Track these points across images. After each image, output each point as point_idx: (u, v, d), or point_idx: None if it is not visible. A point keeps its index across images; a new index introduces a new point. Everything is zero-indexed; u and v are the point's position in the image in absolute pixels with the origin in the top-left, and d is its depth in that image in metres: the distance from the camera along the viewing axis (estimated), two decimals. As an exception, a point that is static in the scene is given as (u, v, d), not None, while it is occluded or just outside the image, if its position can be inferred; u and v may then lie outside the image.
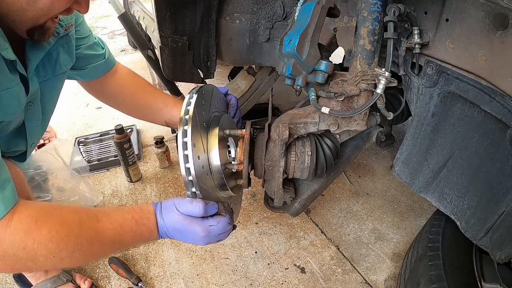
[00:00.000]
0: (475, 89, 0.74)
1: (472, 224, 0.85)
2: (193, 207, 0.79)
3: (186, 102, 0.88)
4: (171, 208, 0.81)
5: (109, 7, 2.13)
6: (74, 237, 0.70)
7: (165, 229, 0.81)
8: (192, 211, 0.80)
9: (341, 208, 1.79)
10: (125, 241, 0.79)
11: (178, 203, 0.81)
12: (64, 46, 0.99)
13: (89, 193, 1.70)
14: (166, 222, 0.81)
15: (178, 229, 0.81)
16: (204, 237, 0.81)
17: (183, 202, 0.81)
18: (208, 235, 0.81)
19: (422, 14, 0.82)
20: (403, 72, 0.93)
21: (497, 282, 0.97)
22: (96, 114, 2.71)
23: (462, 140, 0.84)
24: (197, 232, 0.80)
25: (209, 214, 0.82)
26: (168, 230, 0.82)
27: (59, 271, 1.30)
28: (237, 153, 1.00)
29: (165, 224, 0.81)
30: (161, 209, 0.82)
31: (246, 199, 1.83)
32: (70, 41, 1.02)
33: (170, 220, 0.81)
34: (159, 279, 1.43)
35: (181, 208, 0.80)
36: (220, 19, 1.25)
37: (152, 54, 1.59)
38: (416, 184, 0.99)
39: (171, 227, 0.81)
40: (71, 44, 1.02)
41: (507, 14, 0.63)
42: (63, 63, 1.00)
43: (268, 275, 1.45)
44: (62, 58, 0.99)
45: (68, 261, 0.71)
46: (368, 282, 1.42)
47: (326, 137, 1.05)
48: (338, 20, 1.12)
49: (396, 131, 2.35)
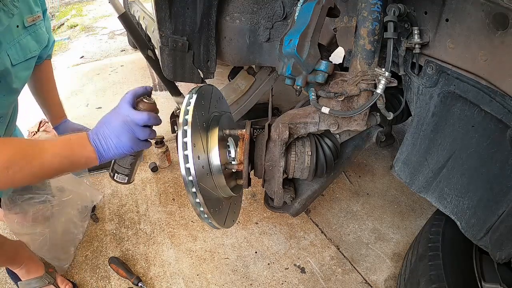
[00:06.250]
0: (475, 89, 0.74)
1: (472, 224, 0.85)
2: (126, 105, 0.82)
3: (186, 102, 0.88)
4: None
5: (109, 7, 2.13)
6: (21, 151, 0.73)
7: (93, 130, 0.81)
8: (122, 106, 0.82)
9: (341, 208, 1.79)
10: (62, 151, 0.78)
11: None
12: (32, 34, 1.13)
13: (89, 193, 1.70)
14: (96, 124, 0.82)
15: (101, 121, 0.82)
16: (122, 124, 0.79)
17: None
18: (125, 122, 0.80)
19: (422, 14, 0.82)
20: (403, 72, 0.93)
21: (497, 282, 0.97)
22: (96, 114, 2.71)
23: (462, 140, 0.84)
24: (116, 120, 0.80)
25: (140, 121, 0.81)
26: (95, 127, 0.81)
27: (43, 272, 1.32)
28: (237, 153, 1.00)
29: (95, 126, 0.82)
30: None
31: (246, 199, 1.83)
32: (38, 30, 1.16)
33: (99, 121, 0.83)
34: (159, 279, 1.43)
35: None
36: (220, 19, 1.25)
37: (152, 54, 1.59)
38: (416, 184, 0.99)
39: (99, 123, 0.82)
40: (38, 33, 1.16)
41: (507, 14, 0.63)
42: (32, 49, 1.14)
43: (268, 275, 1.45)
44: (31, 44, 1.13)
45: (19, 175, 0.72)
46: (368, 282, 1.42)
47: (326, 137, 1.05)
48: (338, 20, 1.12)
49: (396, 131, 2.35)
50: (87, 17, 6.11)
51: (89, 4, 7.20)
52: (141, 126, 0.81)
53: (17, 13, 1.02)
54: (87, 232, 1.64)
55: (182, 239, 1.61)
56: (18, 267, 1.27)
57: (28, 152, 0.73)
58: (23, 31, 1.08)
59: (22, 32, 1.08)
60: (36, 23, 1.14)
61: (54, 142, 0.78)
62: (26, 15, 1.08)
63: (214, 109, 1.01)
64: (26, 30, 1.10)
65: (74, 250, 1.53)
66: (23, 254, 1.28)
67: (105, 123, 0.81)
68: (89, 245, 1.57)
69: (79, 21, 5.72)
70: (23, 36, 1.08)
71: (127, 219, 1.72)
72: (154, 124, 0.84)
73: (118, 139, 0.80)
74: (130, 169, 0.98)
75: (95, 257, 1.52)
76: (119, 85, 3.23)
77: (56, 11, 6.31)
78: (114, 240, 1.60)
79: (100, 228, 1.66)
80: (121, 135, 0.80)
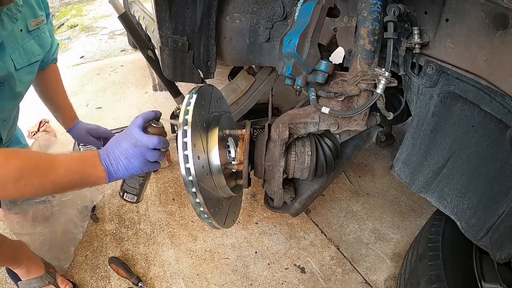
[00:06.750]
0: (475, 89, 0.74)
1: (472, 224, 0.85)
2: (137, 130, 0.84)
3: (186, 103, 0.88)
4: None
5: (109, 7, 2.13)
6: (32, 166, 0.74)
7: (104, 150, 0.83)
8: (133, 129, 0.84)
9: (341, 208, 1.79)
10: (73, 168, 0.79)
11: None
12: (36, 38, 1.13)
13: (89, 193, 1.70)
14: (107, 145, 0.85)
15: (112, 142, 0.84)
16: (133, 147, 0.82)
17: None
18: (135, 145, 0.82)
19: (422, 14, 0.82)
20: (403, 72, 0.93)
21: (497, 282, 0.97)
22: (96, 114, 2.71)
23: (462, 140, 0.84)
24: (127, 143, 0.83)
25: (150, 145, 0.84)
26: (106, 148, 0.84)
27: (43, 272, 1.32)
28: (237, 153, 1.00)
29: (106, 146, 0.84)
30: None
31: (246, 199, 1.83)
32: (41, 34, 1.15)
33: (110, 141, 0.85)
34: (159, 279, 1.43)
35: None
36: (220, 19, 1.25)
37: (152, 54, 1.59)
38: (416, 184, 0.99)
39: (109, 144, 0.84)
40: (42, 37, 1.16)
41: (507, 14, 0.63)
42: (35, 53, 1.13)
43: (268, 275, 1.45)
44: (35, 48, 1.13)
45: (29, 187, 0.73)
46: (368, 282, 1.42)
47: (326, 137, 1.05)
48: (338, 20, 1.12)
49: (396, 131, 2.35)
50: (87, 17, 6.12)
51: (89, 4, 7.21)
52: (151, 149, 0.84)
53: (21, 18, 1.02)
54: (87, 232, 1.63)
55: (182, 239, 1.61)
56: (19, 267, 1.27)
57: (40, 165, 0.74)
58: (26, 35, 1.08)
59: (26, 36, 1.08)
60: (40, 27, 1.14)
61: (66, 158, 0.79)
62: (30, 19, 1.08)
63: (214, 109, 1.01)
64: (30, 34, 1.10)
65: (74, 250, 1.53)
66: (24, 253, 1.28)
67: (116, 145, 0.83)
68: (89, 245, 1.57)
69: (79, 21, 5.73)
70: (26, 40, 1.08)
71: (127, 219, 1.72)
72: (163, 147, 0.87)
73: (128, 160, 0.82)
74: (139, 189, 1.00)
75: (95, 257, 1.52)
76: (119, 85, 3.23)
77: (56, 11, 6.31)
78: (114, 240, 1.60)
79: (100, 228, 1.66)
80: (131, 158, 0.83)
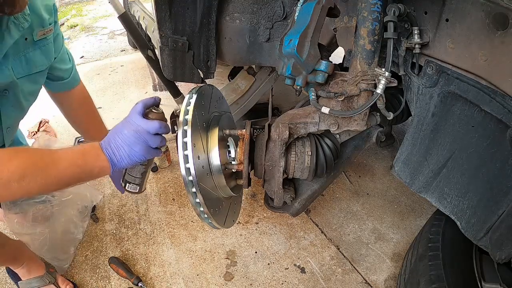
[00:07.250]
0: (475, 89, 0.74)
1: (472, 224, 0.85)
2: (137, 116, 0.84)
3: (186, 103, 0.88)
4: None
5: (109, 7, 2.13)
6: (35, 165, 0.74)
7: (106, 140, 0.83)
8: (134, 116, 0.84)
9: (341, 208, 1.79)
10: (76, 161, 0.80)
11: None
12: (42, 48, 1.08)
13: (89, 193, 1.70)
14: (108, 135, 0.84)
15: (113, 131, 0.84)
16: (134, 133, 0.82)
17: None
18: (137, 131, 0.82)
19: (422, 14, 0.82)
20: (403, 72, 0.93)
21: (497, 282, 0.97)
22: (96, 114, 2.71)
23: (462, 140, 0.84)
24: (128, 130, 0.82)
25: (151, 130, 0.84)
26: (107, 137, 0.84)
27: (43, 272, 1.32)
28: (237, 153, 1.00)
29: (107, 136, 0.84)
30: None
31: (246, 199, 1.83)
32: (48, 45, 1.10)
33: (110, 131, 0.85)
34: (159, 279, 1.43)
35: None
36: (220, 19, 1.25)
37: (152, 54, 1.59)
38: (416, 184, 0.99)
39: (110, 133, 0.84)
40: (48, 47, 1.11)
41: (507, 14, 0.63)
42: (38, 64, 1.08)
43: (268, 275, 1.45)
44: (38, 59, 1.07)
45: (33, 185, 0.73)
46: (368, 282, 1.42)
47: (326, 137, 1.05)
48: (338, 20, 1.12)
49: (396, 131, 2.35)
50: (87, 17, 6.11)
51: (89, 4, 7.20)
52: (152, 134, 0.84)
53: (27, 26, 0.99)
54: (87, 232, 1.63)
55: (182, 239, 1.61)
56: (19, 266, 1.27)
57: (42, 162, 0.74)
58: (31, 44, 1.04)
59: (30, 46, 1.04)
60: (47, 37, 1.10)
61: (67, 152, 0.79)
62: (37, 29, 1.04)
63: (214, 109, 1.01)
64: (35, 44, 1.05)
65: (74, 250, 1.53)
66: (24, 253, 1.28)
67: (117, 133, 0.83)
68: (89, 245, 1.57)
69: (79, 21, 5.72)
70: (30, 49, 1.04)
71: (127, 219, 1.71)
72: (164, 132, 0.87)
73: (131, 148, 0.82)
74: (141, 179, 1.00)
75: (95, 257, 1.52)
76: (119, 85, 3.23)
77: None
78: (114, 240, 1.60)
79: (100, 228, 1.66)
80: (133, 144, 0.82)
